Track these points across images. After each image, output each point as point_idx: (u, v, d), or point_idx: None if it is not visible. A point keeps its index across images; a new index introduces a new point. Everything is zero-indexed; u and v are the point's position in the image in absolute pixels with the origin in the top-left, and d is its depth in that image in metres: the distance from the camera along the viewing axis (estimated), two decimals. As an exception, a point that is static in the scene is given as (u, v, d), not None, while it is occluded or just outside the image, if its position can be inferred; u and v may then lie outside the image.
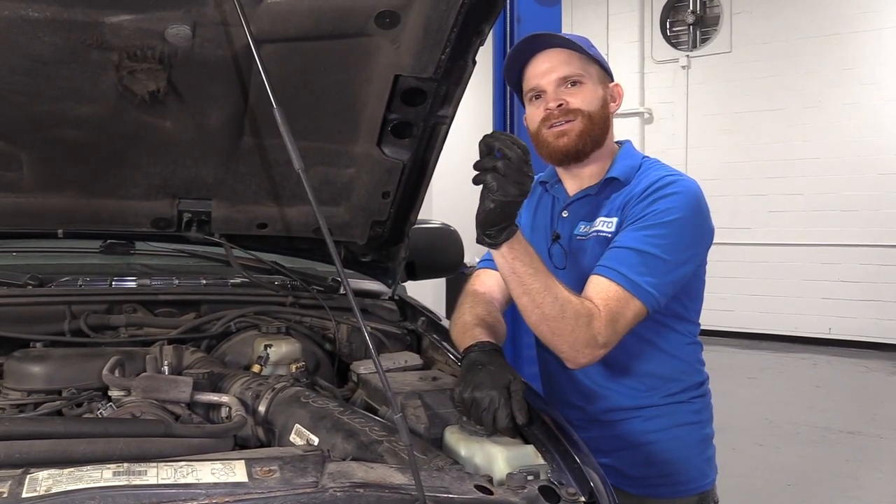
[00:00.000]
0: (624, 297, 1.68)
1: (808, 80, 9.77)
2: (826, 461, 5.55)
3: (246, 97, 1.90)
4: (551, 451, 1.51)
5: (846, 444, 5.99)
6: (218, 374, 1.78)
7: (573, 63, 1.84)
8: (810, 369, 8.54)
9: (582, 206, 1.93)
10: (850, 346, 9.44)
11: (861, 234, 9.50)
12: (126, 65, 1.73)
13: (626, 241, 1.73)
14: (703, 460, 1.95)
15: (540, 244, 1.97)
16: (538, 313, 1.64)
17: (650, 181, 1.81)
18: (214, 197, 2.15)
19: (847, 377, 8.34)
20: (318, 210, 1.37)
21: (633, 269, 1.69)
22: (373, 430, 1.50)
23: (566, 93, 1.84)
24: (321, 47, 1.81)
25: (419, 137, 2.05)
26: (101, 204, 2.08)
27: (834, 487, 5.05)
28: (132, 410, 1.51)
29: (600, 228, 1.84)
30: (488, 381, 1.55)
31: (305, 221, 2.25)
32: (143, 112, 1.86)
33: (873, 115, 9.40)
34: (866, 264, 9.47)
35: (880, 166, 9.30)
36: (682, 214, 1.74)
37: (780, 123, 9.96)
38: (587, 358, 1.68)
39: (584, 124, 1.83)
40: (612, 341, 1.68)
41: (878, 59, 9.37)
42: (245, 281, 2.26)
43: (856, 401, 7.39)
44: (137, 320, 2.09)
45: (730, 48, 10.33)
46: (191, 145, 1.98)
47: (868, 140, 9.41)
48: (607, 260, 1.73)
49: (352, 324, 2.26)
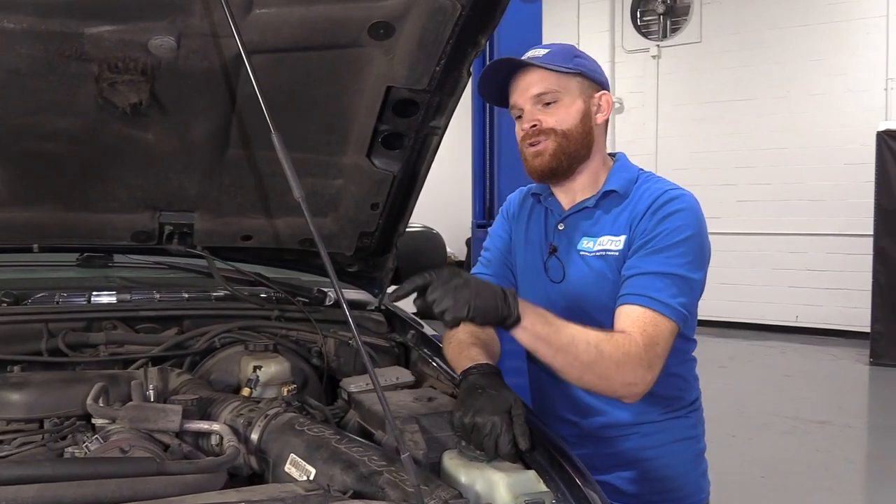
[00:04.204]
0: (657, 319, 1.66)
1: (776, 71, 9.85)
2: (798, 451, 5.62)
3: (232, 109, 1.83)
4: (554, 479, 1.49)
5: (817, 433, 6.07)
6: (207, 399, 1.72)
7: (548, 80, 1.80)
8: (779, 357, 8.65)
9: (580, 219, 1.89)
10: (817, 333, 9.58)
11: (827, 223, 9.61)
12: (106, 76, 1.66)
13: (645, 266, 1.71)
14: (698, 475, 1.94)
15: (534, 257, 1.94)
16: (577, 365, 1.61)
17: (652, 197, 1.79)
18: (197, 209, 2.08)
19: (815, 365, 8.47)
20: (317, 233, 1.32)
21: (661, 292, 1.67)
22: (371, 460, 1.46)
23: (540, 112, 1.81)
24: (311, 58, 1.75)
25: (410, 148, 2.00)
26: (79, 217, 2.00)
27: (806, 479, 5.11)
28: (120, 445, 1.44)
29: (608, 247, 1.81)
30: (489, 405, 1.51)
31: (291, 233, 2.20)
32: (125, 124, 1.79)
33: (839, 105, 9.50)
34: (832, 253, 9.59)
35: (847, 157, 9.40)
36: (692, 231, 1.74)
37: (748, 113, 10.03)
38: (641, 387, 1.65)
39: (557, 143, 1.81)
40: (657, 365, 1.65)
41: (844, 51, 9.45)
42: (228, 294, 2.20)
43: (824, 390, 7.51)
44: (117, 337, 2.03)
45: (700, 38, 10.37)
46: (174, 158, 1.91)
47: (835, 130, 9.51)
48: (631, 288, 1.71)
49: (339, 337, 2.21)
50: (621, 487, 1.87)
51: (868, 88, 9.35)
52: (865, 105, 9.29)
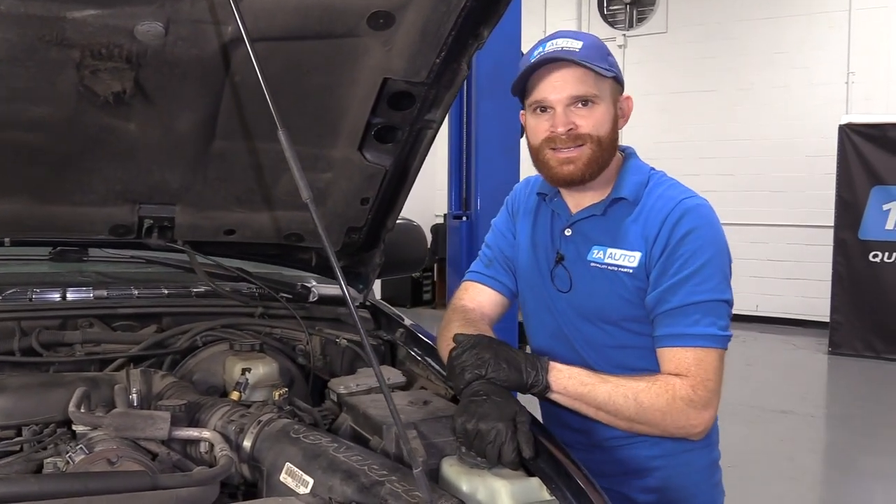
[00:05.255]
0: (701, 355, 1.63)
1: (740, 63, 9.94)
2: (762, 441, 5.70)
3: (219, 99, 1.74)
4: (560, 487, 1.44)
5: (780, 423, 6.17)
6: (195, 403, 1.64)
7: (587, 81, 1.68)
8: (741, 346, 8.76)
9: (588, 226, 1.80)
10: (776, 322, 9.75)
11: (789, 214, 9.75)
12: (88, 63, 1.56)
13: (674, 300, 1.65)
14: (710, 485, 1.88)
15: (540, 263, 1.87)
16: (622, 420, 1.63)
17: (665, 210, 1.70)
18: (179, 202, 1.98)
19: (776, 355, 8.62)
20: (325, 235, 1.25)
21: (698, 325, 1.63)
22: (372, 469, 1.40)
23: (576, 114, 1.69)
24: (305, 47, 1.67)
25: (403, 142, 1.94)
26: (54, 210, 1.89)
27: (772, 468, 5.18)
28: (107, 455, 1.37)
29: (620, 262, 1.73)
30: (494, 412, 1.47)
31: (277, 227, 2.11)
32: (106, 114, 1.69)
33: (802, 98, 9.63)
34: (792, 244, 9.75)
35: (808, 149, 9.54)
36: (713, 251, 1.67)
37: (713, 104, 10.12)
38: (700, 427, 1.64)
39: (592, 151, 1.70)
40: (714, 400, 1.63)
41: (807, 44, 9.58)
42: (210, 290, 2.12)
43: (786, 379, 7.65)
44: (94, 336, 1.95)
45: (665, 28, 10.41)
46: (156, 149, 1.81)
47: (797, 123, 9.64)
48: (667, 328, 1.66)
49: (325, 335, 2.15)
50: (630, 496, 1.81)
51: (830, 82, 9.50)
52: (827, 98, 9.43)
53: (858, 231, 8.29)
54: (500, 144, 4.64)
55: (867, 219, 8.22)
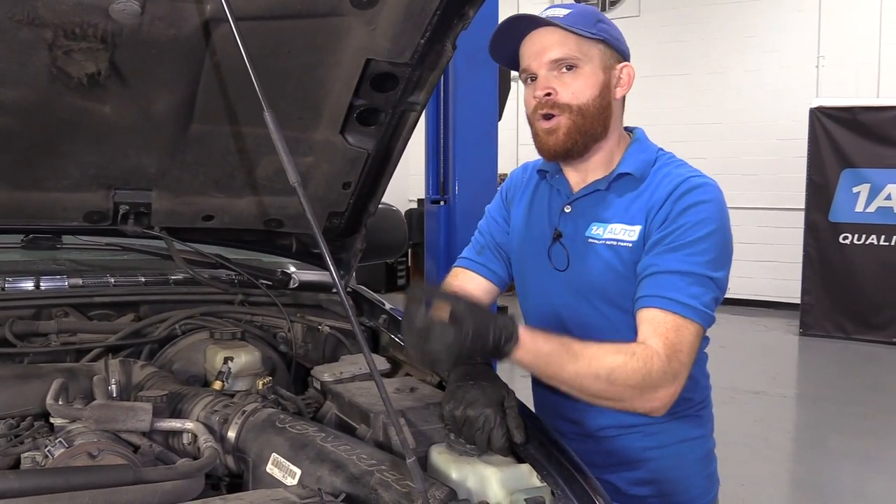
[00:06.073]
0: (680, 323, 1.55)
1: (712, 47, 10.00)
2: (737, 422, 5.74)
3: (197, 81, 1.69)
4: (552, 474, 1.42)
5: (754, 403, 6.24)
6: (176, 394, 1.60)
7: (568, 44, 1.64)
8: (713, 328, 8.79)
9: (590, 203, 1.75)
10: (748, 304, 9.83)
11: (760, 197, 9.85)
12: (61, 44, 1.50)
13: (664, 264, 1.60)
14: (704, 476, 1.86)
15: (536, 242, 1.82)
16: (588, 397, 1.56)
17: (672, 184, 1.66)
18: (156, 187, 1.93)
19: (748, 336, 8.70)
20: (314, 220, 1.22)
21: (683, 293, 1.56)
22: (361, 459, 1.38)
23: (557, 80, 1.66)
24: (286, 26, 1.62)
25: (386, 125, 1.90)
26: (26, 197, 1.83)
27: (746, 449, 5.23)
28: (88, 449, 1.32)
29: (620, 237, 1.68)
30: (482, 398, 1.44)
31: (256, 212, 2.07)
32: (79, 96, 1.63)
33: (773, 82, 9.72)
34: (763, 226, 9.84)
35: (779, 132, 9.63)
36: (716, 226, 1.62)
37: (685, 88, 10.17)
38: (666, 400, 1.55)
39: (571, 121, 1.67)
40: (683, 374, 1.55)
41: (778, 28, 9.65)
42: (188, 277, 2.07)
43: (758, 360, 7.74)
44: (70, 325, 1.90)
45: (638, 12, 10.43)
46: (132, 132, 1.76)
47: (768, 106, 9.73)
48: (650, 289, 1.59)
49: (307, 322, 2.11)
50: (622, 488, 1.78)
51: (800, 65, 9.57)
52: (798, 82, 9.53)
53: (829, 213, 8.39)
54: (478, 128, 4.61)
55: (837, 201, 8.31)
